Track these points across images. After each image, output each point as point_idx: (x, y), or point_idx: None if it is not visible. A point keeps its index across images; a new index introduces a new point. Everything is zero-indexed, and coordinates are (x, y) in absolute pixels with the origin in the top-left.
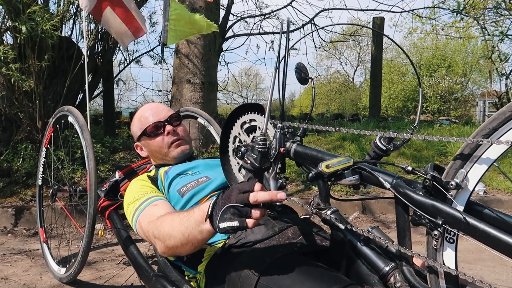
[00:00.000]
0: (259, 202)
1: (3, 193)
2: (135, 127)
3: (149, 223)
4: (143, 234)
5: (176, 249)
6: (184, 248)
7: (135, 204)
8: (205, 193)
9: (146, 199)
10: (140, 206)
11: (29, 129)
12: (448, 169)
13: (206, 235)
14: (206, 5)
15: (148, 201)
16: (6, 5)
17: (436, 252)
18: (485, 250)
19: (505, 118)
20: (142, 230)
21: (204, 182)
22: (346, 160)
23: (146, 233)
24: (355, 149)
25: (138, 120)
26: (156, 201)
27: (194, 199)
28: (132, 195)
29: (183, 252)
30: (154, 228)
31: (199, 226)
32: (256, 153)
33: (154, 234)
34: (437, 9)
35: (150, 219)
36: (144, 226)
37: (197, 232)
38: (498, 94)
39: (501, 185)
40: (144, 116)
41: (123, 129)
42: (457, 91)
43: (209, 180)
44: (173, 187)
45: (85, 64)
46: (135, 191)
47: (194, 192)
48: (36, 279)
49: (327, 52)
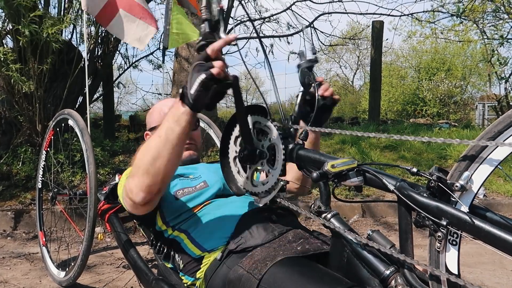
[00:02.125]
0: (217, 50)
1: (3, 196)
2: (152, 117)
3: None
4: (125, 194)
5: (154, 166)
6: (161, 160)
7: (126, 173)
8: (200, 201)
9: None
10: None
11: (29, 132)
12: (453, 171)
13: (184, 121)
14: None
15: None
16: (8, 8)
17: (438, 254)
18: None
19: (510, 122)
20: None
21: (201, 189)
22: (350, 162)
23: (126, 185)
24: (355, 152)
25: (158, 112)
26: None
27: (189, 205)
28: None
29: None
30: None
31: (174, 116)
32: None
33: (131, 174)
34: (436, 13)
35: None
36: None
37: (173, 123)
38: (497, 98)
39: (500, 189)
40: (163, 111)
41: (123, 133)
42: (457, 94)
43: (206, 187)
44: (170, 187)
45: (85, 67)
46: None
47: (189, 198)
48: (36, 282)
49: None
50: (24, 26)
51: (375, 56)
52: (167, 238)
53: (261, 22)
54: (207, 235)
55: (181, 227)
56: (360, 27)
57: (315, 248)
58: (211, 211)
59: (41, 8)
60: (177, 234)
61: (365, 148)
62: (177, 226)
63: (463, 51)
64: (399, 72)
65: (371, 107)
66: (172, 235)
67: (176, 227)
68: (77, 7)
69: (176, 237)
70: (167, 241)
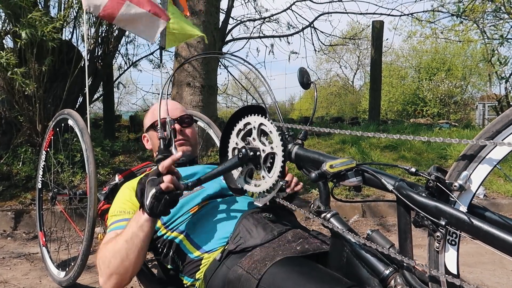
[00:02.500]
0: (167, 167)
1: (3, 197)
2: (146, 119)
3: (99, 251)
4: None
5: (123, 267)
6: (129, 261)
7: (110, 219)
8: (197, 202)
9: (117, 221)
10: (111, 225)
11: (29, 132)
12: (451, 171)
13: (146, 227)
14: (206, 9)
15: (116, 224)
16: (5, 8)
17: (438, 254)
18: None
19: (508, 121)
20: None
21: (197, 191)
22: (349, 161)
23: (99, 257)
24: (355, 152)
25: (151, 112)
26: (120, 229)
27: (186, 207)
28: (114, 208)
29: (128, 268)
30: (100, 258)
31: (138, 222)
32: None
33: (99, 265)
34: (437, 13)
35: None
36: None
37: (137, 229)
38: (497, 98)
39: (501, 189)
40: (157, 110)
41: (123, 133)
42: (457, 94)
43: (202, 188)
44: None
45: (85, 67)
46: (116, 204)
47: (185, 200)
48: (36, 282)
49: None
50: (22, 27)
51: (375, 56)
52: (166, 240)
53: (261, 22)
54: (206, 236)
55: (179, 228)
56: (360, 27)
57: (314, 248)
58: (210, 211)
59: (41, 8)
60: (175, 236)
61: (365, 148)
62: (176, 227)
63: (463, 51)
64: (399, 72)
65: (371, 107)
66: (170, 237)
67: (175, 228)
68: (77, 7)
69: (175, 238)
70: (166, 243)
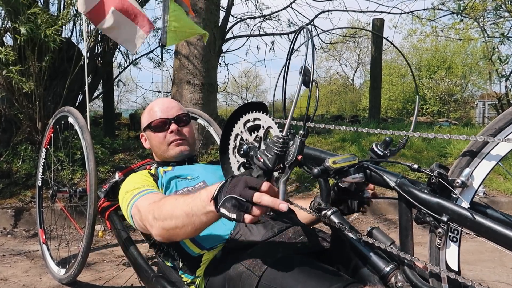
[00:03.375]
0: (261, 204)
1: (3, 194)
2: (143, 118)
3: (149, 204)
4: (139, 218)
5: (175, 230)
6: (184, 230)
7: (134, 192)
8: None
9: (147, 189)
10: (140, 193)
11: (29, 130)
12: (454, 168)
13: (211, 217)
14: (206, 7)
15: (148, 190)
16: (5, 5)
17: (439, 250)
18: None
19: (511, 119)
20: (139, 212)
21: (201, 188)
22: (351, 158)
23: (144, 214)
24: (355, 150)
25: (148, 112)
26: (157, 192)
27: None
28: (132, 184)
29: (180, 234)
30: (155, 208)
31: (204, 207)
32: (272, 154)
33: (154, 215)
34: (437, 11)
35: (151, 201)
36: (142, 208)
37: (201, 212)
38: (497, 96)
39: (501, 187)
40: (153, 109)
41: (123, 131)
42: (457, 92)
43: (206, 186)
44: (169, 190)
45: (85, 65)
46: (136, 181)
47: None
48: (36, 280)
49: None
50: (21, 23)
51: (375, 54)
52: None
53: (261, 19)
54: (206, 233)
55: None
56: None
57: (315, 245)
58: None
59: (40, 5)
60: None
61: (365, 146)
62: None
63: (463, 49)
64: (399, 70)
65: (371, 105)
66: None
67: None
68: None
69: None
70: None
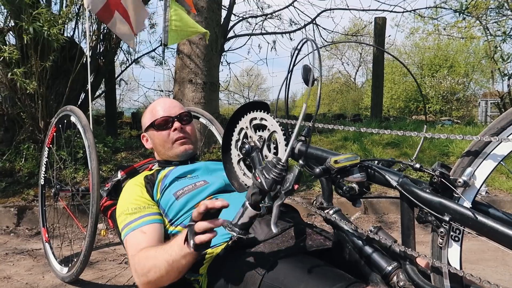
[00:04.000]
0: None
1: (6, 193)
2: (145, 118)
3: (133, 256)
4: (128, 253)
5: (161, 279)
6: (167, 277)
7: (126, 218)
8: (202, 197)
9: (138, 218)
10: (130, 224)
11: (32, 129)
12: (456, 167)
13: (189, 258)
14: (208, 5)
15: (139, 221)
16: (10, 5)
17: (441, 250)
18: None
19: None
20: (127, 250)
21: (201, 186)
22: (353, 157)
23: (131, 261)
24: (357, 149)
25: (150, 111)
26: (146, 226)
27: (190, 203)
28: (126, 205)
29: (165, 281)
30: (137, 263)
31: (181, 250)
32: (270, 178)
33: (137, 270)
34: (439, 9)
35: (137, 247)
36: (129, 251)
37: (179, 256)
38: (500, 95)
39: (503, 186)
40: (155, 108)
41: (125, 129)
42: (459, 91)
43: (207, 184)
44: (169, 190)
45: (88, 64)
46: (128, 201)
47: (190, 196)
48: (39, 278)
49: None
50: (27, 23)
51: (377, 53)
52: (170, 235)
53: (263, 18)
54: None
55: (184, 224)
56: (362, 24)
57: (317, 244)
58: None
59: (43, 5)
60: (179, 230)
61: (367, 145)
62: (180, 223)
63: (466, 47)
64: (401, 69)
65: (373, 104)
66: (175, 231)
67: (179, 223)
68: (79, 4)
69: (178, 232)
70: (168, 237)
